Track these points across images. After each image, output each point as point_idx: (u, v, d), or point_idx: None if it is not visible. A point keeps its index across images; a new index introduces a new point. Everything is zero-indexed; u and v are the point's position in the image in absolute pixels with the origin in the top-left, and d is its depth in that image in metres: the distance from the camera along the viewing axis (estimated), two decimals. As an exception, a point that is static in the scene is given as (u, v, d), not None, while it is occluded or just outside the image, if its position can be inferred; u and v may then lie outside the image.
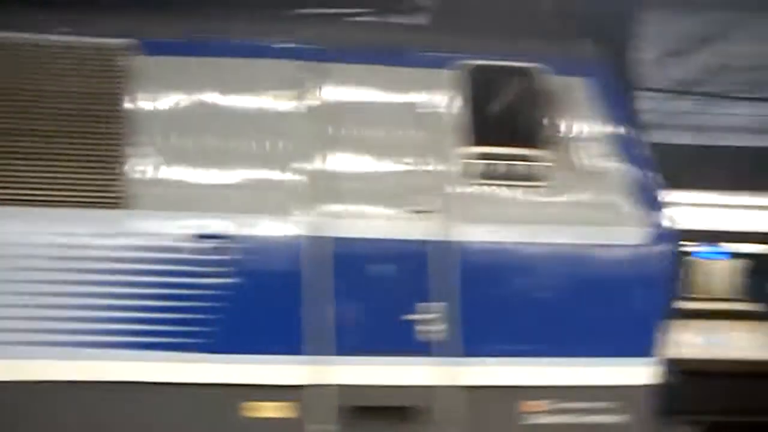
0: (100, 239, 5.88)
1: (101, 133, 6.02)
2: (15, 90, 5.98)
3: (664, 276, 6.10)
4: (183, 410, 5.85)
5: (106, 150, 6.00)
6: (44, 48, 6.07)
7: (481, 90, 6.19)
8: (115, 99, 6.06)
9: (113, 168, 5.98)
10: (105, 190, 5.94)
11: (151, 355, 5.85)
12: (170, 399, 5.85)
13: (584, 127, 6.16)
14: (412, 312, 5.94)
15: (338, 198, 6.02)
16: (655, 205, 6.17)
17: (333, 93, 6.14)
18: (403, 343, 5.93)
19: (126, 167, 5.96)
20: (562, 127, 6.16)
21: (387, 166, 6.12)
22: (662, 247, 6.11)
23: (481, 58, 6.19)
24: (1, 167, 5.90)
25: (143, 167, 5.97)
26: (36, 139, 5.96)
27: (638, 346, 6.07)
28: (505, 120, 6.37)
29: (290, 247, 5.95)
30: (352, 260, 5.96)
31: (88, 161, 5.97)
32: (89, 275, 5.85)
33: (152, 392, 5.83)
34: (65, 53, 6.07)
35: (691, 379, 6.49)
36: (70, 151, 5.97)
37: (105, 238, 5.89)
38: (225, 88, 6.12)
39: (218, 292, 5.90)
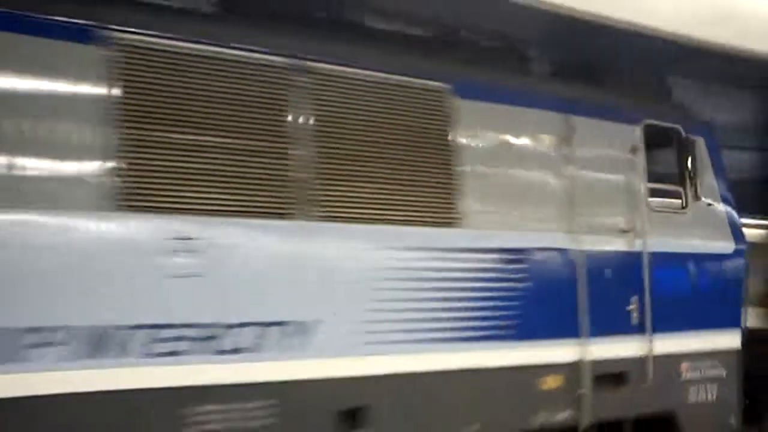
0: (440, 253, 7.18)
1: (436, 163, 7.26)
2: (356, 121, 6.93)
3: (744, 274, 9.07)
4: (498, 389, 7.41)
5: (441, 177, 7.26)
6: (376, 84, 7.08)
7: (649, 142, 8.57)
8: (443, 134, 7.33)
9: (448, 193, 7.26)
10: (443, 212, 7.22)
11: (476, 345, 7.32)
12: (489, 380, 7.36)
13: (702, 172, 8.83)
14: (629, 303, 8.19)
15: (581, 222, 7.99)
16: (737, 227, 9.10)
17: (577, 141, 8.06)
18: (626, 325, 8.15)
19: (457, 193, 7.29)
20: (691, 172, 8.77)
21: (603, 198, 8.23)
22: (743, 255, 9.08)
23: (649, 118, 8.56)
24: (353, 190, 6.83)
25: (468, 194, 7.35)
26: (382, 164, 7.02)
27: (733, 320, 8.97)
28: (662, 165, 8.81)
29: (564, 258, 7.80)
30: (594, 267, 7.99)
31: (429, 186, 7.19)
32: (430, 283, 7.11)
33: (476, 376, 7.30)
34: (395, 90, 7.17)
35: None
36: (412, 177, 7.14)
37: (443, 252, 7.19)
38: (511, 131, 7.71)
39: (519, 293, 7.55)
